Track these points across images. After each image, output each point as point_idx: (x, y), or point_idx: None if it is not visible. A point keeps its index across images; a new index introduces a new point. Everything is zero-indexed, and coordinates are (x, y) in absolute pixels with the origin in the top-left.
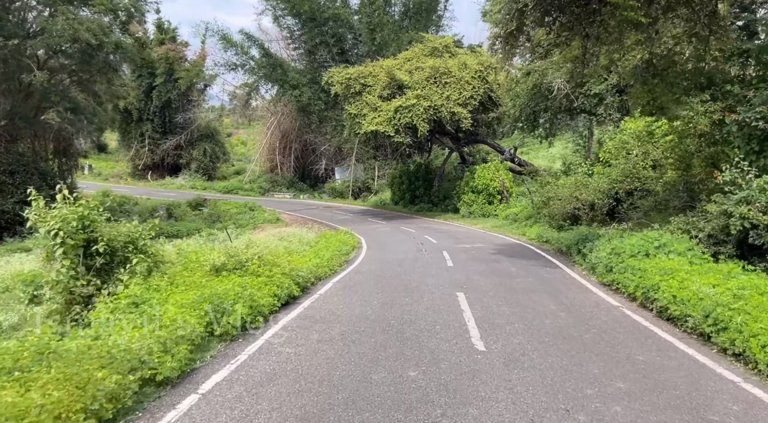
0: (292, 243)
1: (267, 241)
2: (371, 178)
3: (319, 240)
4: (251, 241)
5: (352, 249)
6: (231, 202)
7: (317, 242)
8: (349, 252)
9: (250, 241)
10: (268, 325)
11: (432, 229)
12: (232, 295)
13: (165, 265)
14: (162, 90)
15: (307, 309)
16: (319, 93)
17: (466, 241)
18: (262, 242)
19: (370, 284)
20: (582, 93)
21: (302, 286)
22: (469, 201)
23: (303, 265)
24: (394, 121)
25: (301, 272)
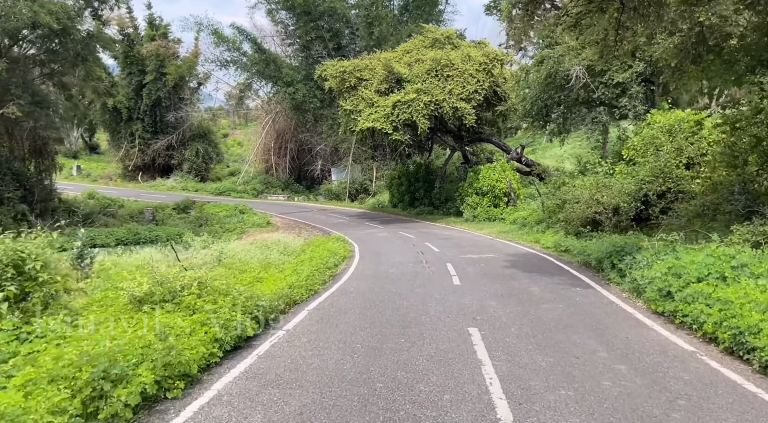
0: (273, 252)
1: (246, 251)
2: (369, 179)
3: (306, 249)
4: (225, 251)
5: (341, 259)
6: (221, 205)
7: (303, 251)
8: (338, 263)
9: (224, 250)
10: (193, 391)
11: (433, 235)
12: (138, 349)
13: (71, 294)
14: (152, 88)
15: (262, 358)
16: (315, 90)
17: (473, 249)
18: (239, 251)
19: (355, 313)
20: (602, 82)
21: (264, 319)
22: (473, 203)
23: (273, 286)
24: (392, 117)
25: (262, 301)
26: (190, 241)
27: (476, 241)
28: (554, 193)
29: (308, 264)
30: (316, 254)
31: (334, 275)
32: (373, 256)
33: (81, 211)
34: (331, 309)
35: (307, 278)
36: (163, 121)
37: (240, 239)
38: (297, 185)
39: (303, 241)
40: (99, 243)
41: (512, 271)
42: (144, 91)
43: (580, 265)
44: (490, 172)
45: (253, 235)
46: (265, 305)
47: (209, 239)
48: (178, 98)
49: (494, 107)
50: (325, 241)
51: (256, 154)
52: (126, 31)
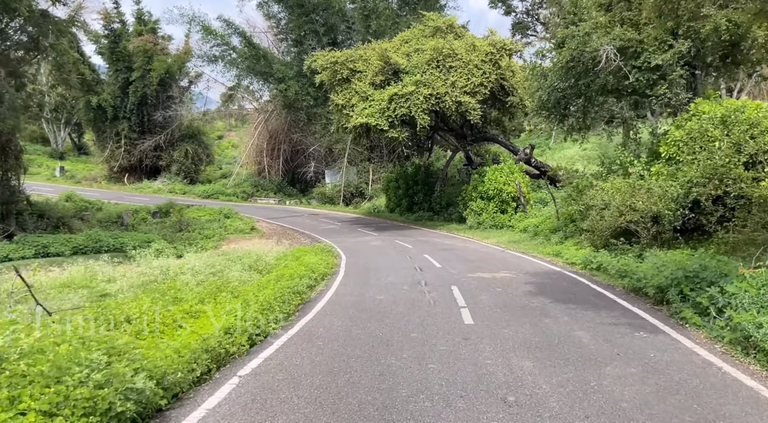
0: (235, 268)
1: (208, 265)
2: (365, 182)
3: (282, 262)
4: (178, 266)
5: (321, 278)
6: (205, 209)
7: (277, 265)
8: (315, 283)
9: (180, 264)
10: None
11: (433, 245)
12: None
13: None
14: (139, 85)
15: None
16: (308, 87)
17: (482, 265)
18: (197, 265)
19: (312, 387)
20: (636, 66)
21: (148, 409)
22: (477, 209)
23: (205, 328)
24: (388, 112)
25: (135, 384)
26: (155, 249)
27: (484, 253)
28: (576, 197)
29: (273, 286)
30: (289, 271)
31: (305, 303)
32: (360, 273)
33: (53, 215)
34: (277, 376)
35: (263, 311)
36: (151, 121)
37: (217, 247)
38: (290, 188)
39: (284, 250)
40: (53, 251)
41: (541, 301)
42: (130, 88)
43: (627, 292)
44: (496, 174)
45: (233, 242)
46: (147, 389)
47: (180, 247)
48: (167, 97)
49: (501, 103)
50: (308, 252)
51: (248, 155)
52: (112, 26)
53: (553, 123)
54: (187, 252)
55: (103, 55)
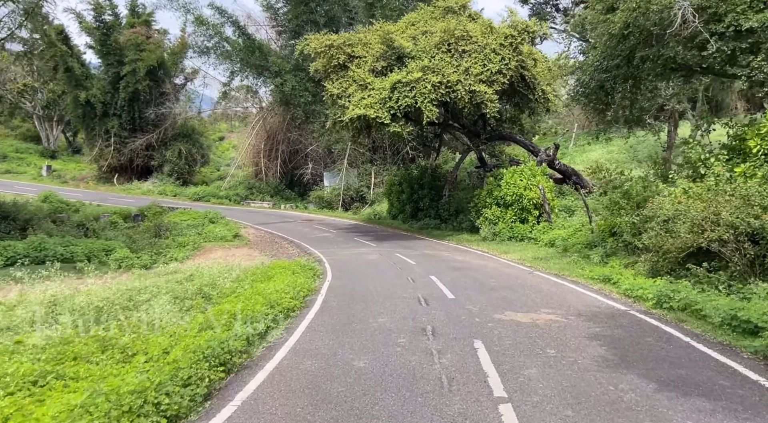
0: (159, 300)
1: (127, 291)
2: (366, 185)
3: (240, 286)
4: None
5: (283, 315)
6: (189, 212)
7: (234, 291)
8: (268, 330)
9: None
10: None
11: (442, 261)
12: None
13: None
14: (130, 80)
15: None
16: (305, 82)
17: (512, 296)
18: (113, 293)
19: None
20: (718, 32)
21: None
22: (492, 217)
23: None
24: (389, 102)
25: None
26: (114, 260)
27: (508, 275)
28: (626, 205)
29: (183, 348)
30: (240, 306)
31: (240, 368)
32: (342, 307)
33: (19, 217)
34: None
35: (139, 407)
36: (143, 118)
37: (189, 258)
38: (288, 191)
39: (258, 265)
40: None
41: (633, 384)
42: (121, 83)
43: (758, 361)
44: (516, 177)
45: (208, 252)
46: None
47: (146, 257)
48: (160, 93)
49: (521, 97)
50: (285, 268)
51: (245, 156)
52: (103, 17)
53: (593, 113)
54: (153, 262)
55: (94, 49)
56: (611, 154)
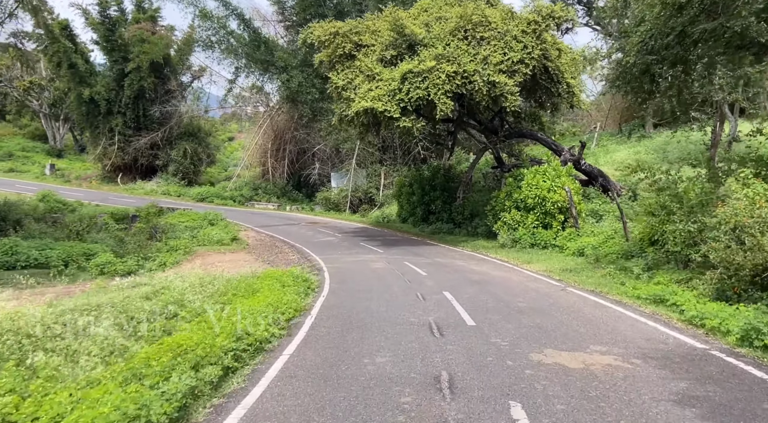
0: (117, 310)
1: (65, 313)
2: (375, 187)
3: (215, 304)
4: None
5: (260, 344)
6: (189, 214)
7: (204, 311)
8: (238, 365)
9: None
10: None
11: (457, 272)
12: None
13: None
14: (135, 77)
15: None
16: (313, 78)
17: (548, 323)
18: (45, 314)
19: None
20: None
21: None
22: (511, 222)
23: None
24: (399, 94)
25: None
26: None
27: (537, 292)
28: (677, 211)
29: (100, 410)
30: (197, 337)
31: None
32: (334, 337)
33: (9, 217)
34: None
35: None
36: (147, 116)
37: (178, 264)
38: (295, 193)
39: (249, 274)
40: None
41: None
42: (126, 80)
43: None
44: (538, 178)
45: (201, 256)
46: None
47: (130, 263)
48: (165, 91)
49: (544, 90)
50: (276, 280)
51: (252, 156)
52: (108, 12)
53: (636, 102)
54: (138, 268)
55: (99, 45)
56: (638, 155)
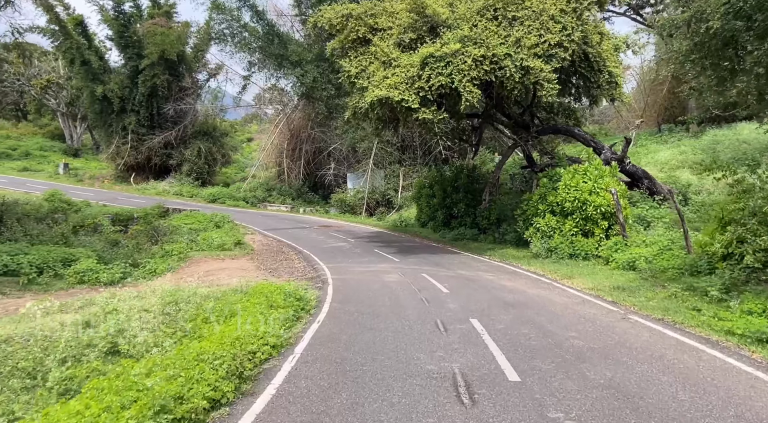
0: None
1: None
2: (393, 188)
3: (167, 337)
4: None
5: (197, 417)
6: (195, 215)
7: (149, 350)
8: None
9: None
10: None
11: (486, 291)
12: None
13: None
14: (148, 74)
15: None
16: (328, 73)
17: (631, 385)
18: None
19: None
20: None
21: None
22: (546, 228)
23: None
24: (419, 82)
25: None
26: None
27: (595, 325)
28: None
29: None
30: (94, 409)
31: None
32: (314, 398)
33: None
34: None
35: None
36: (161, 115)
37: (171, 272)
38: (311, 194)
39: (238, 287)
40: None
41: None
42: (139, 77)
43: None
44: (577, 178)
45: (198, 263)
46: None
47: (114, 270)
48: (179, 88)
49: (583, 78)
50: (261, 299)
51: (267, 156)
52: (122, 8)
53: (710, 88)
54: (124, 276)
55: (113, 41)
56: (684, 155)
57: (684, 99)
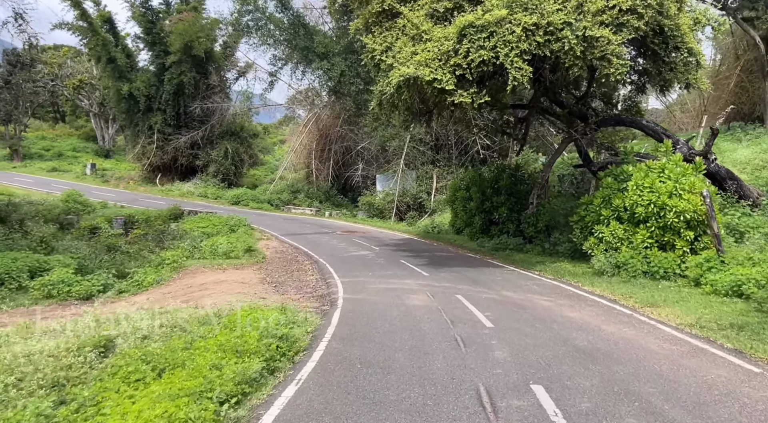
0: None
1: None
2: (426, 191)
3: None
4: None
5: None
6: (210, 218)
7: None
8: None
9: None
10: None
11: (546, 327)
12: None
13: None
14: (175, 71)
15: None
16: (357, 66)
17: None
18: None
19: None
20: None
21: None
22: (611, 239)
23: None
24: (455, 58)
25: None
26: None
27: (741, 407)
28: None
29: None
30: None
31: None
32: None
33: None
34: None
35: None
36: (188, 114)
37: (158, 284)
38: (340, 197)
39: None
40: None
41: None
42: (166, 75)
43: None
44: (652, 177)
45: (191, 274)
46: None
47: (91, 282)
48: (207, 86)
49: (654, 56)
50: (227, 340)
51: (297, 157)
52: (149, 3)
53: None
54: (104, 289)
55: (141, 39)
56: (766, 154)
57: (754, 93)
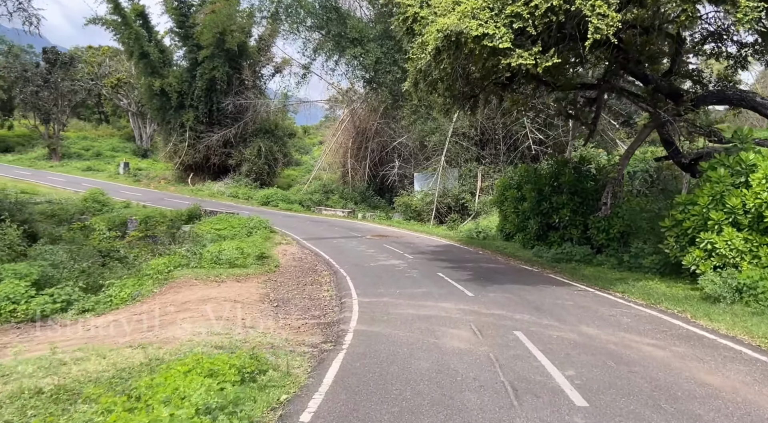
0: None
1: None
2: (469, 191)
3: None
4: None
5: None
6: (230, 219)
7: None
8: None
9: None
10: None
11: (674, 405)
12: None
13: None
14: (207, 67)
15: None
16: (393, 52)
17: None
18: None
19: None
20: None
21: None
22: (726, 252)
23: None
24: (511, 6)
25: None
26: None
27: None
28: None
29: None
30: None
31: None
32: None
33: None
34: None
35: None
36: (220, 110)
37: (139, 301)
38: (377, 198)
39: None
40: None
41: None
42: (198, 70)
43: None
44: None
45: (177, 288)
46: None
47: (59, 294)
48: (240, 82)
49: None
50: None
51: (333, 155)
52: None
53: None
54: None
55: (174, 32)
56: None
57: None
